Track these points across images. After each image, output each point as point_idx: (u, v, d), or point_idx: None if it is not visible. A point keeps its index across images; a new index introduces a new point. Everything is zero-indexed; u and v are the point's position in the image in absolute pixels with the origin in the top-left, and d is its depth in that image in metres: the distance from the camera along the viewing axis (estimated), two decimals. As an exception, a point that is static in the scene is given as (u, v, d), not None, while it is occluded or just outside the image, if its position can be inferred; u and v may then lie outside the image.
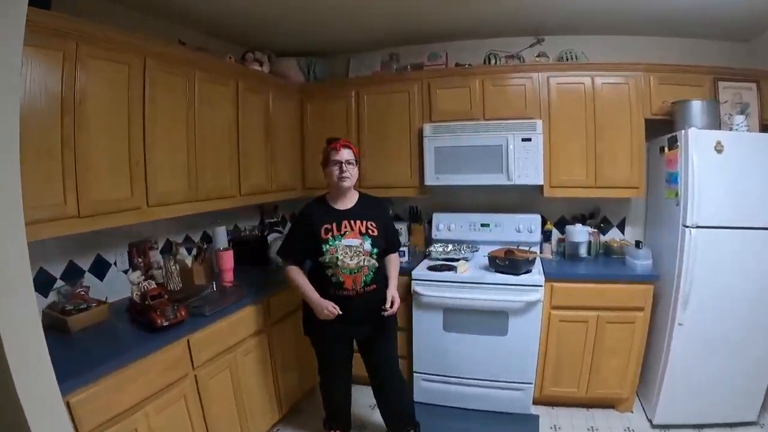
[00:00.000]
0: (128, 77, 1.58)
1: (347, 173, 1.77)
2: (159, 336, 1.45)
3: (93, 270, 1.78)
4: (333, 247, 1.70)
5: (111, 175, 1.53)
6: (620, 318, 2.13)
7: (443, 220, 2.79)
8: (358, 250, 1.73)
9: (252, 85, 2.30)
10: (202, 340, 1.61)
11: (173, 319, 1.48)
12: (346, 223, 1.76)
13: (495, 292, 2.17)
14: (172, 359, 1.48)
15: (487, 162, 2.43)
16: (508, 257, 2.21)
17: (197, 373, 1.59)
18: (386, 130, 2.66)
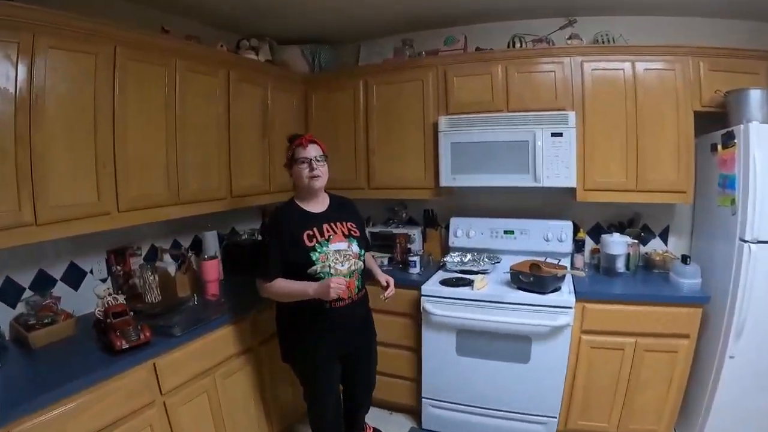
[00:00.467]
0: (95, 68, 1.49)
1: (318, 171, 1.66)
2: (119, 360, 1.35)
3: (66, 279, 1.72)
4: (323, 254, 1.60)
5: (74, 177, 1.44)
6: (661, 346, 1.87)
7: (462, 226, 2.60)
8: (347, 254, 1.66)
9: (246, 75, 2.19)
10: (172, 363, 1.50)
11: (135, 341, 1.38)
12: (327, 226, 1.67)
13: (517, 313, 1.96)
14: (134, 385, 1.38)
15: (511, 160, 2.21)
16: (534, 273, 1.99)
17: (166, 399, 1.49)
18: (398, 124, 2.48)
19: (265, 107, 2.37)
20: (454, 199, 2.71)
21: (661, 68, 2.02)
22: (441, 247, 2.70)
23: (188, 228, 2.27)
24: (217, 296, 1.88)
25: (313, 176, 1.65)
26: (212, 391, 1.68)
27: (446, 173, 2.36)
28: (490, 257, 2.42)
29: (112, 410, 1.31)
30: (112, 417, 1.31)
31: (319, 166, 1.66)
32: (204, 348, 1.64)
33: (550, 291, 1.96)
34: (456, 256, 2.49)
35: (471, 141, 2.28)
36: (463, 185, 2.36)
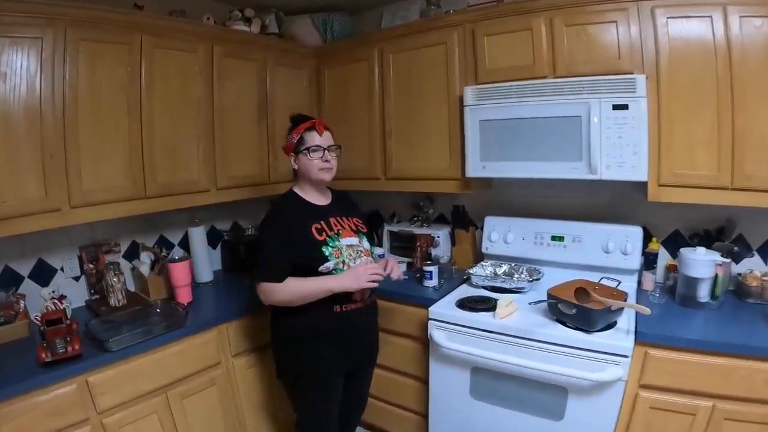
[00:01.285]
0: (41, 50, 1.47)
1: (330, 164, 1.62)
2: (43, 373, 1.32)
3: (35, 276, 1.78)
4: (336, 249, 1.54)
5: (14, 171, 1.43)
6: (749, 415, 1.35)
7: (498, 227, 2.24)
8: (359, 250, 1.62)
9: (234, 49, 2.07)
10: (108, 380, 1.45)
11: (61, 354, 1.34)
12: (334, 220, 1.62)
13: (550, 356, 1.56)
14: (59, 402, 1.34)
15: (557, 143, 1.79)
16: (579, 303, 1.58)
17: (103, 419, 1.44)
18: (418, 100, 2.20)
19: (263, 86, 2.26)
20: (490, 194, 2.36)
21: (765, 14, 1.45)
22: (473, 253, 2.37)
23: (176, 223, 2.26)
24: (183, 304, 1.82)
25: (327, 168, 1.60)
26: (164, 412, 1.60)
27: (473, 160, 2.02)
28: (531, 271, 2.04)
29: (33, 428, 1.29)
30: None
31: (332, 157, 1.62)
32: (153, 364, 1.57)
33: (599, 328, 1.55)
34: (488, 267, 2.16)
35: (504, 117, 1.90)
36: (494, 175, 2.00)
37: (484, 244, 2.27)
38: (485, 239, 2.27)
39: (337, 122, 2.48)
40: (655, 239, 1.92)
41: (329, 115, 2.53)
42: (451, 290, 2.03)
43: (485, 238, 2.27)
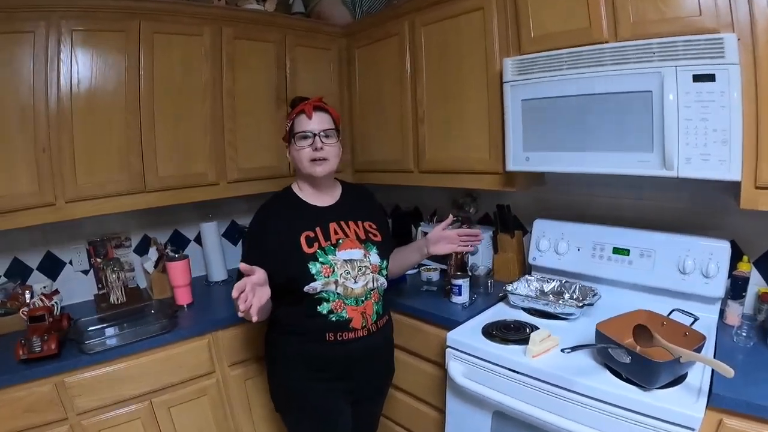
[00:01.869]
0: (33, 42, 1.52)
1: (324, 152, 1.40)
2: (20, 370, 1.38)
3: (43, 269, 1.90)
4: (327, 266, 1.34)
5: (8, 166, 1.52)
6: None
7: (549, 233, 1.92)
8: (362, 266, 1.39)
9: (245, 31, 2.01)
10: (83, 383, 1.48)
11: (37, 352, 1.39)
12: (335, 226, 1.42)
13: (592, 414, 1.24)
14: (34, 399, 1.39)
15: (620, 128, 1.45)
16: (638, 351, 1.23)
17: (82, 420, 1.48)
18: (452, 77, 1.95)
19: (282, 69, 2.18)
20: (543, 192, 2.05)
21: None
22: (519, 263, 2.08)
23: (191, 219, 2.29)
24: (180, 306, 1.82)
25: (317, 159, 1.39)
26: (149, 419, 1.61)
27: (515, 150, 1.73)
28: (584, 291, 1.71)
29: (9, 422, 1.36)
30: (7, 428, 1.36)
31: (326, 145, 1.40)
32: (135, 369, 1.57)
33: (660, 385, 1.21)
34: (533, 282, 1.86)
35: (552, 95, 1.58)
36: (539, 169, 1.69)
37: (531, 254, 1.98)
38: (533, 247, 1.97)
39: (370, 109, 2.36)
40: (746, 258, 1.49)
41: (362, 101, 2.41)
42: (484, 310, 1.78)
43: (533, 245, 1.97)
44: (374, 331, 1.44)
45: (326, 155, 1.41)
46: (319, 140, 1.39)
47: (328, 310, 1.35)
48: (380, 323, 1.46)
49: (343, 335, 1.37)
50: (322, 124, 1.42)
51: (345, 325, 1.37)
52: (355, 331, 1.38)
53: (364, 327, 1.40)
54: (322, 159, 1.40)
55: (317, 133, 1.39)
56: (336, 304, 1.36)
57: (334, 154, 1.44)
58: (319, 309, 1.35)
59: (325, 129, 1.41)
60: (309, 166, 1.40)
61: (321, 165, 1.41)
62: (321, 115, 1.43)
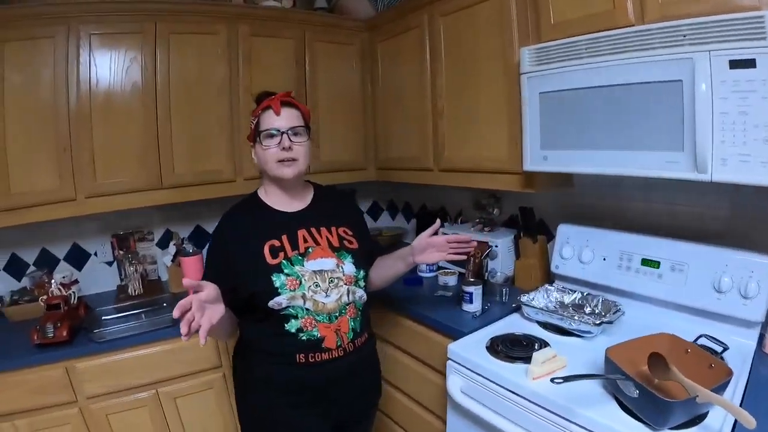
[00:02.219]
0: (54, 44, 1.64)
1: (294, 152, 1.25)
2: (33, 354, 1.49)
3: (70, 259, 2.04)
4: (293, 278, 1.20)
5: (32, 163, 1.63)
6: None
7: (574, 240, 1.75)
8: (335, 278, 1.25)
9: (262, 28, 2.02)
10: (91, 369, 1.56)
11: (50, 338, 1.49)
12: (304, 234, 1.28)
13: None
14: (47, 382, 1.50)
15: (646, 123, 1.27)
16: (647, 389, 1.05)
17: (91, 405, 1.58)
18: (472, 69, 1.84)
19: (300, 65, 2.17)
20: (570, 194, 1.88)
21: None
22: (541, 270, 1.92)
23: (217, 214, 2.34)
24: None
25: (285, 160, 1.24)
26: (155, 407, 1.68)
27: (532, 148, 1.59)
28: (606, 306, 1.54)
29: (23, 400, 1.48)
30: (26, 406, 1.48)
31: (296, 144, 1.26)
32: (141, 360, 1.64)
33: (672, 426, 1.04)
34: (553, 293, 1.70)
35: (572, 87, 1.43)
36: (557, 169, 1.54)
37: (553, 261, 1.82)
38: (555, 254, 1.81)
39: (392, 104, 2.30)
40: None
41: (384, 97, 2.34)
42: (496, 320, 1.66)
43: (556, 252, 1.81)
44: (351, 350, 1.27)
45: (295, 155, 1.26)
46: (288, 139, 1.24)
47: (297, 328, 1.20)
48: (358, 342, 1.30)
49: (315, 356, 1.22)
50: (290, 120, 1.26)
51: (317, 345, 1.21)
52: (329, 352, 1.23)
53: (339, 347, 1.24)
54: (291, 159, 1.25)
55: (285, 131, 1.24)
56: (306, 321, 1.20)
57: (304, 153, 1.29)
58: (286, 327, 1.20)
59: (294, 126, 1.26)
60: (276, 168, 1.26)
61: (290, 166, 1.26)
62: (290, 111, 1.28)
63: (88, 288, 2.03)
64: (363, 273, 1.33)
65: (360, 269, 1.31)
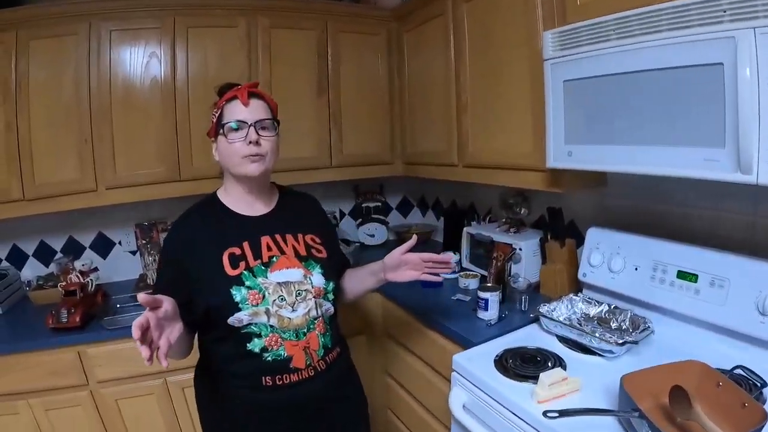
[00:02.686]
0: (76, 45, 1.70)
1: (260, 148, 1.12)
2: (47, 337, 1.58)
3: (95, 247, 2.15)
4: (255, 291, 1.09)
5: (56, 155, 1.72)
6: None
7: (604, 245, 1.58)
8: (302, 290, 1.14)
9: (281, 19, 2.01)
10: (102, 355, 1.62)
11: (63, 323, 1.56)
12: (268, 241, 1.16)
13: None
14: (60, 365, 1.58)
15: (680, 114, 1.10)
16: (671, 429, 0.91)
17: (101, 389, 1.64)
18: (495, 58, 1.71)
19: (323, 57, 2.13)
20: (603, 195, 1.71)
21: None
22: (569, 277, 1.75)
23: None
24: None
25: (254, 155, 1.12)
26: (163, 396, 1.72)
27: (556, 143, 1.44)
28: (635, 322, 1.37)
29: (37, 380, 1.56)
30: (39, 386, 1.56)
31: (263, 137, 1.13)
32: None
33: None
34: (578, 303, 1.55)
35: (598, 73, 1.27)
36: (582, 166, 1.39)
37: (581, 269, 1.65)
38: (584, 261, 1.64)
39: (418, 97, 2.21)
40: None
41: (411, 89, 2.25)
42: (512, 330, 1.54)
43: (584, 259, 1.64)
44: (322, 369, 1.16)
45: (263, 151, 1.13)
46: (255, 132, 1.12)
47: (260, 347, 1.09)
48: (330, 358, 1.19)
49: (282, 378, 1.11)
50: (258, 113, 1.14)
51: (284, 366, 1.11)
52: (298, 372, 1.12)
53: (309, 366, 1.13)
54: (258, 155, 1.13)
55: (252, 124, 1.12)
56: (270, 340, 1.09)
57: (272, 149, 1.16)
58: (249, 347, 1.08)
59: (261, 119, 1.14)
60: (241, 164, 1.13)
61: (257, 162, 1.13)
62: (257, 103, 1.16)
63: (111, 276, 2.13)
64: (332, 285, 1.22)
65: (329, 281, 1.21)
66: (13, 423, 1.57)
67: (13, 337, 1.62)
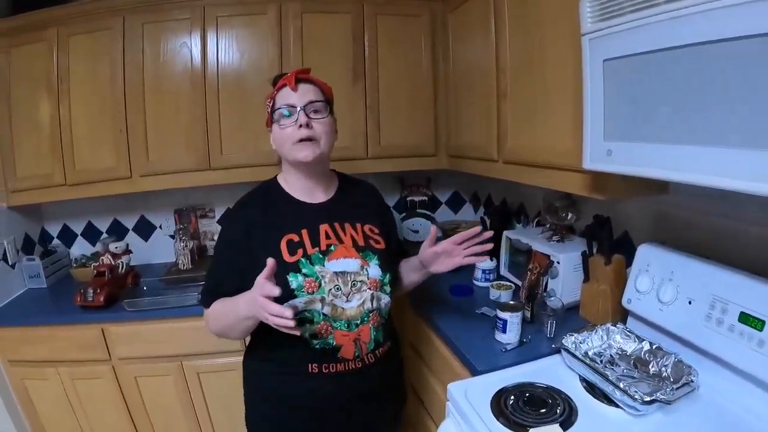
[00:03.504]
0: (111, 40, 1.79)
1: (314, 130, 1.11)
2: (74, 313, 1.71)
3: (138, 230, 2.28)
4: (312, 279, 1.09)
5: (94, 144, 1.84)
6: None
7: (656, 267, 1.27)
8: (358, 281, 1.13)
9: (314, 4, 1.91)
10: (123, 334, 1.72)
11: (89, 301, 1.66)
12: (326, 229, 1.16)
13: None
14: (86, 340, 1.71)
15: (754, 103, 0.81)
16: None
17: (124, 366, 1.75)
18: (536, 39, 1.46)
19: (359, 41, 2.00)
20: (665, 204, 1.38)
21: None
22: (614, 300, 1.45)
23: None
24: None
25: (304, 139, 1.10)
26: (179, 378, 1.79)
27: (593, 138, 1.17)
28: (678, 370, 1.07)
29: (65, 351, 1.71)
30: (68, 356, 1.71)
31: (314, 120, 1.12)
32: (166, 332, 1.74)
33: None
34: (615, 335, 1.27)
35: (644, 50, 0.98)
36: (622, 170, 1.10)
37: (626, 293, 1.36)
38: (630, 284, 1.35)
39: (462, 84, 1.99)
40: None
41: (455, 75, 2.04)
42: (529, 360, 1.31)
43: (630, 282, 1.35)
44: (371, 362, 1.15)
45: (314, 134, 1.11)
46: (305, 115, 1.10)
47: (311, 333, 1.09)
48: (379, 353, 1.18)
49: (329, 367, 1.12)
50: (307, 95, 1.13)
51: (332, 355, 1.11)
52: (346, 363, 1.12)
53: (357, 357, 1.13)
54: (309, 139, 1.10)
55: (302, 107, 1.10)
56: (321, 327, 1.09)
57: (325, 132, 1.13)
58: (302, 334, 1.09)
59: (312, 101, 1.12)
60: (293, 149, 1.12)
61: (308, 147, 1.11)
62: (306, 87, 1.14)
63: (151, 258, 2.26)
64: (389, 277, 1.20)
65: (386, 273, 1.18)
66: (43, 387, 1.74)
67: (49, 310, 1.79)
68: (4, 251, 1.90)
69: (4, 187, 1.89)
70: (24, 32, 1.79)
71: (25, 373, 1.75)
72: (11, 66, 1.81)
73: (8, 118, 1.83)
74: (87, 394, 1.76)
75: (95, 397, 1.77)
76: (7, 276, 1.90)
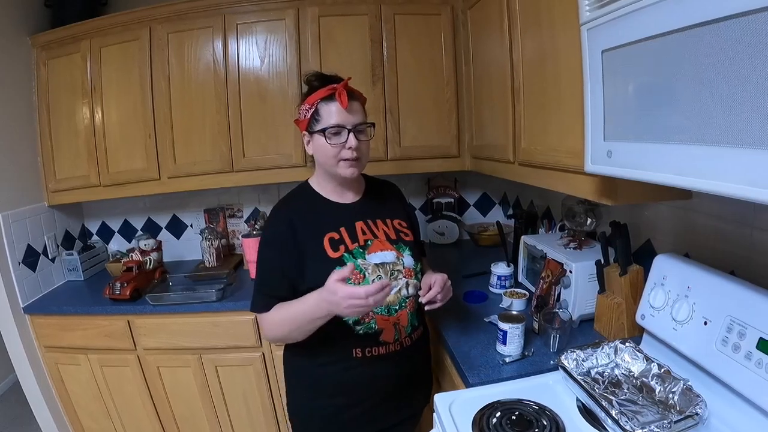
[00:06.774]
0: (139, 49, 1.87)
1: (362, 151, 1.17)
2: (103, 305, 1.81)
3: (170, 228, 2.37)
4: (357, 271, 1.15)
5: (126, 148, 1.94)
6: None
7: (672, 281, 1.12)
8: (395, 270, 1.20)
9: (332, 7, 1.89)
10: (147, 326, 1.80)
11: (117, 294, 1.75)
12: (362, 226, 1.22)
13: None
14: (114, 330, 1.81)
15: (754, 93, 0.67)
16: None
17: (147, 355, 1.83)
18: (546, 33, 1.35)
19: (377, 43, 1.96)
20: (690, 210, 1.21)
21: None
22: (630, 314, 1.30)
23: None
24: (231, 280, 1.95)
25: (352, 160, 1.15)
26: (198, 370, 1.84)
27: (594, 137, 1.05)
28: (686, 399, 0.93)
29: (93, 339, 1.82)
30: (95, 344, 1.82)
31: (362, 143, 1.16)
32: (187, 326, 1.81)
33: None
34: (624, 353, 1.14)
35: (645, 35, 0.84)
36: (622, 174, 0.97)
37: (640, 308, 1.21)
38: (644, 299, 1.20)
39: (482, 82, 1.89)
40: None
41: (475, 74, 1.94)
42: (531, 373, 1.21)
43: (645, 296, 1.20)
44: (408, 344, 1.23)
45: (360, 155, 1.16)
46: (354, 139, 1.13)
47: (354, 320, 1.15)
48: (415, 336, 1.26)
49: (372, 350, 1.18)
50: (356, 116, 1.15)
51: (374, 339, 1.18)
52: (386, 345, 1.19)
53: (396, 341, 1.20)
54: (355, 161, 1.15)
55: (351, 129, 1.13)
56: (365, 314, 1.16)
57: (367, 152, 1.20)
58: (344, 318, 1.13)
59: (359, 122, 1.15)
60: (339, 168, 1.15)
61: (354, 166, 1.16)
62: (355, 105, 1.16)
63: (183, 255, 2.36)
64: (420, 265, 1.28)
65: (418, 262, 1.27)
66: (76, 372, 1.86)
67: (83, 301, 1.91)
68: (45, 246, 2.05)
69: (45, 188, 2.05)
70: (60, 45, 1.94)
71: (59, 358, 1.89)
72: (50, 77, 1.97)
73: (48, 124, 1.99)
74: (114, 381, 1.87)
75: (122, 384, 1.87)
76: (47, 269, 2.06)
